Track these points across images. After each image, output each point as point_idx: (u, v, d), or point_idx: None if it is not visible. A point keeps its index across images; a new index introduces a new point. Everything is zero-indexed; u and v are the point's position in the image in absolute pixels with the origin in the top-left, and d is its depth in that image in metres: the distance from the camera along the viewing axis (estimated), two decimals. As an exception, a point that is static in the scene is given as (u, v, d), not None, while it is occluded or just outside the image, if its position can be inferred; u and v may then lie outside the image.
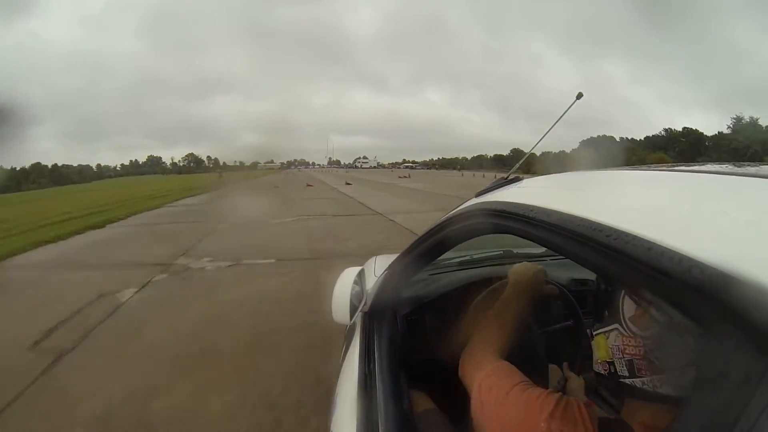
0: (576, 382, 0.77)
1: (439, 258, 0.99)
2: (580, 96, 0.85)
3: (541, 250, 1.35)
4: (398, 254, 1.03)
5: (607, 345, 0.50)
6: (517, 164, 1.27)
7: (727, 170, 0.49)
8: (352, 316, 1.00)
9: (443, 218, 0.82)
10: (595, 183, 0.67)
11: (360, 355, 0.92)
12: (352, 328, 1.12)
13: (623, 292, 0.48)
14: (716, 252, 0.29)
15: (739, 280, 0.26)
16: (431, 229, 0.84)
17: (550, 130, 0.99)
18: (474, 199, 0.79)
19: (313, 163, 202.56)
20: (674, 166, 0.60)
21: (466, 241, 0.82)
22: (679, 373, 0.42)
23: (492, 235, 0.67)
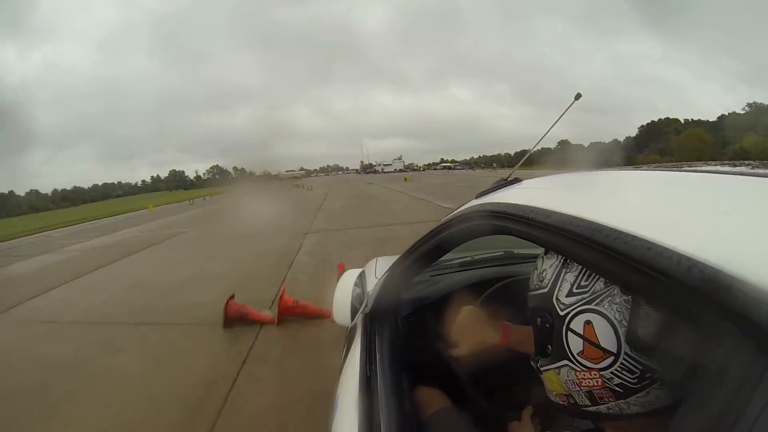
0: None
1: (439, 259, 0.99)
2: (578, 96, 0.85)
3: (541, 250, 1.35)
4: (399, 256, 1.03)
5: (560, 380, 0.49)
6: (518, 164, 1.27)
7: (727, 170, 0.49)
8: (353, 317, 1.00)
9: (444, 220, 0.82)
10: (594, 183, 0.67)
11: (361, 357, 0.92)
12: (353, 329, 1.12)
13: (564, 328, 0.47)
14: (716, 252, 0.29)
15: (739, 279, 0.26)
16: (432, 231, 0.84)
17: (549, 130, 0.99)
18: (474, 200, 0.79)
19: (347, 168, 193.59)
20: (674, 166, 0.60)
21: (467, 243, 0.82)
22: (646, 392, 0.42)
23: (493, 236, 0.68)
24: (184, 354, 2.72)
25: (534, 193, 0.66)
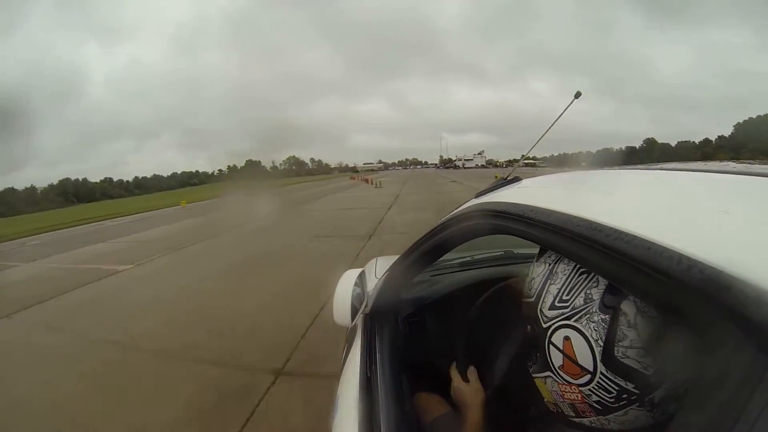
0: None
1: (439, 259, 0.99)
2: (578, 95, 0.85)
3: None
4: (399, 256, 1.03)
5: (547, 389, 0.50)
6: (518, 164, 1.27)
7: (727, 170, 0.49)
8: (353, 317, 1.00)
9: (443, 219, 0.82)
10: (594, 183, 0.67)
11: (361, 357, 0.92)
12: (354, 329, 1.12)
13: (547, 340, 0.47)
14: (716, 251, 0.29)
15: (739, 279, 0.26)
16: (432, 231, 0.84)
17: (548, 129, 1.00)
18: (474, 199, 0.79)
19: (426, 162, 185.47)
20: (674, 166, 0.60)
21: (467, 242, 0.82)
22: (624, 412, 0.42)
23: (492, 235, 0.67)
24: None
25: (534, 192, 0.66)
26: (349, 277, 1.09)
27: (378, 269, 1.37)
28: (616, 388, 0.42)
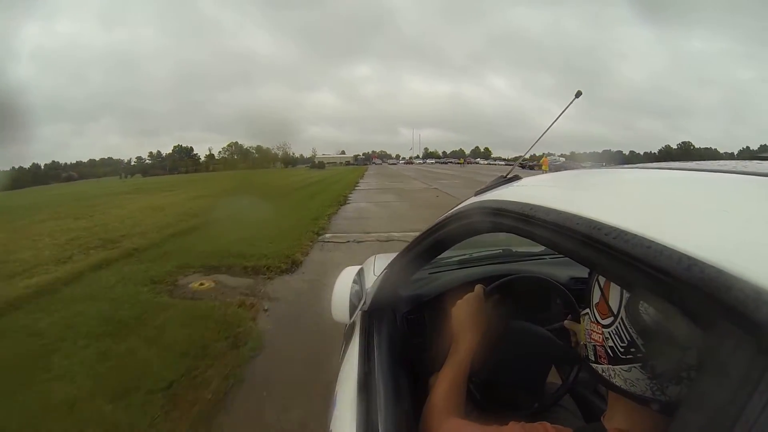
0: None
1: (438, 257, 0.99)
2: (579, 94, 0.84)
3: (541, 248, 1.36)
4: (398, 253, 1.03)
5: (583, 327, 0.53)
6: (516, 162, 1.26)
7: (727, 168, 0.49)
8: (351, 315, 1.00)
9: (443, 217, 0.82)
10: (594, 182, 0.67)
11: (359, 354, 0.92)
12: (352, 327, 1.12)
13: (595, 278, 0.51)
14: (716, 250, 0.29)
15: (739, 278, 0.26)
16: (431, 228, 0.84)
17: (548, 129, 0.99)
18: (473, 197, 0.79)
19: (398, 156, 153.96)
20: (674, 165, 0.60)
21: (466, 240, 0.82)
22: (628, 367, 0.44)
23: (492, 233, 0.67)
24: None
25: (533, 190, 0.66)
26: (348, 274, 1.09)
27: (376, 267, 1.37)
28: (628, 338, 0.44)
